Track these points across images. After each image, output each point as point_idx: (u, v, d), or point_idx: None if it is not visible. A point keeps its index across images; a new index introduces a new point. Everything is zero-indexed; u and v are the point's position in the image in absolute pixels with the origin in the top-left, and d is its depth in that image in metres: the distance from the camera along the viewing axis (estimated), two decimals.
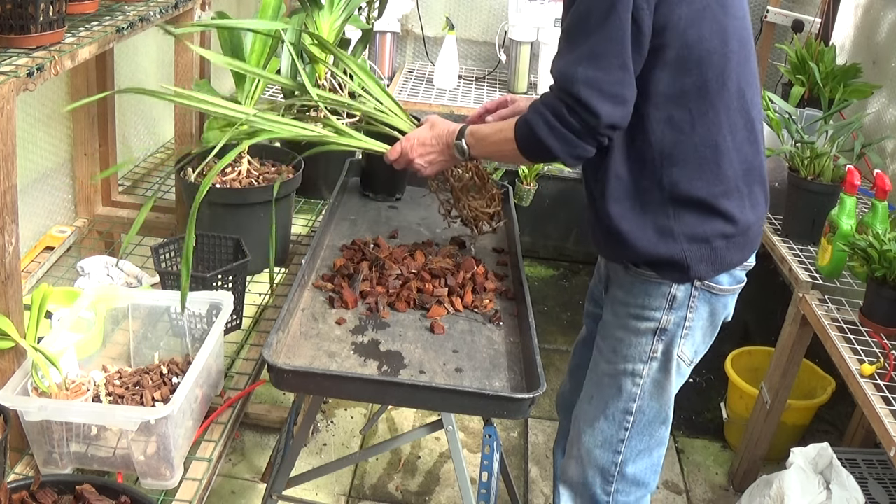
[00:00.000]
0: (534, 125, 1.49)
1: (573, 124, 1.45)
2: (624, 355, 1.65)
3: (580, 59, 1.43)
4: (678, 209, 1.54)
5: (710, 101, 1.50)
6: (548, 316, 3.47)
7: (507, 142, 1.57)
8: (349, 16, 2.38)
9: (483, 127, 1.69)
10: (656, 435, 1.72)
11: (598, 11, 1.41)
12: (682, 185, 1.52)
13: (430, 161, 1.75)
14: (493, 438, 1.69)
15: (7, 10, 1.36)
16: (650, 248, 1.56)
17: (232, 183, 2.07)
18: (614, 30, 1.41)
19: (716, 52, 1.47)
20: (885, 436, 1.65)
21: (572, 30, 1.46)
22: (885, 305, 1.95)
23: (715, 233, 1.56)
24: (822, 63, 2.74)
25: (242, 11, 3.39)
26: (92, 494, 1.32)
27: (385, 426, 2.79)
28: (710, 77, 1.48)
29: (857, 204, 2.15)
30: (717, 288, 1.61)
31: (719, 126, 1.51)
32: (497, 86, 3.75)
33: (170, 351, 1.71)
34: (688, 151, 1.51)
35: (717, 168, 1.53)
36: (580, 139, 1.46)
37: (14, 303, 1.40)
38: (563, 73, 1.45)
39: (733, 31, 1.50)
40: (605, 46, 1.41)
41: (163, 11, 1.85)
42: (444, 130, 1.72)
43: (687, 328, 1.62)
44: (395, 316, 1.69)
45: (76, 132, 2.26)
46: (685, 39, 1.45)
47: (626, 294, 1.64)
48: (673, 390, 1.69)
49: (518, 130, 1.54)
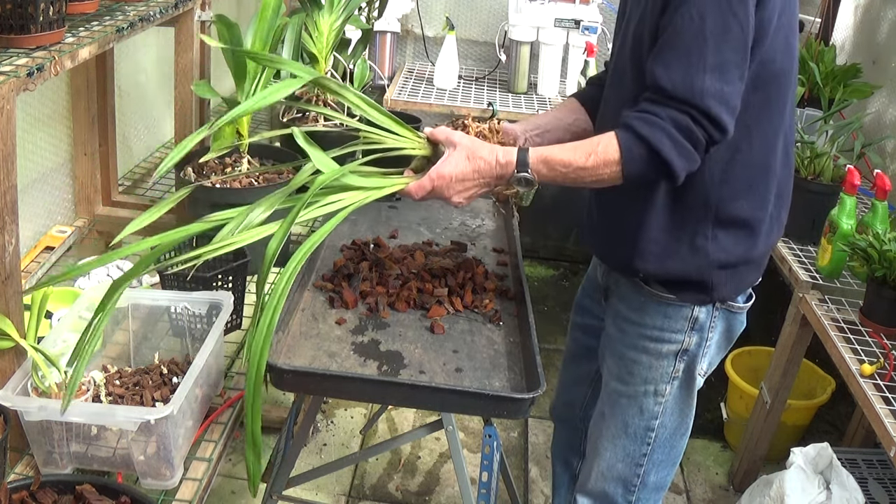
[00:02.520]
0: (654, 140, 1.34)
1: (698, 138, 1.34)
2: (644, 378, 1.60)
3: (703, 68, 1.32)
4: (716, 229, 1.48)
5: (770, 120, 1.44)
6: (548, 316, 3.47)
7: (605, 164, 1.38)
8: (349, 16, 2.38)
9: (556, 151, 1.44)
10: (678, 445, 1.69)
11: (716, 16, 1.31)
12: (728, 205, 1.46)
13: (472, 196, 1.51)
14: (493, 438, 1.69)
15: (7, 10, 1.36)
16: (678, 265, 1.50)
17: (232, 183, 2.07)
18: (736, 36, 1.32)
19: (783, 71, 1.43)
20: (885, 436, 1.65)
21: (684, 35, 1.33)
22: (885, 305, 1.95)
23: (743, 255, 1.51)
24: (822, 63, 2.74)
25: (242, 11, 3.39)
26: (92, 494, 1.32)
27: (385, 426, 2.79)
28: (774, 96, 1.43)
29: (857, 204, 2.15)
30: (736, 307, 1.58)
31: (774, 147, 1.47)
32: (497, 86, 3.75)
33: (170, 351, 1.71)
34: (740, 171, 1.45)
35: (764, 190, 1.48)
36: (700, 153, 1.36)
37: (14, 303, 1.40)
38: (687, 85, 1.32)
39: (795, 52, 1.46)
40: (728, 55, 1.32)
41: (163, 11, 1.85)
42: (492, 162, 1.46)
43: (707, 347, 1.59)
44: (395, 316, 1.69)
45: (76, 132, 2.26)
46: (764, 55, 1.38)
47: (637, 314, 1.58)
48: (694, 402, 1.66)
49: (625, 148, 1.36)
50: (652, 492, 1.72)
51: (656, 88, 1.35)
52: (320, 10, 2.33)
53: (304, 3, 2.32)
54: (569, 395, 1.94)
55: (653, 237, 1.49)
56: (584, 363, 1.87)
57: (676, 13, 1.33)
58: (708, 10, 1.31)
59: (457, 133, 1.51)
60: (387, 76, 3.72)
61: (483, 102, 3.48)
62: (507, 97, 3.61)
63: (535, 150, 1.45)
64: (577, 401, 1.93)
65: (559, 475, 2.05)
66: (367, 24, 2.84)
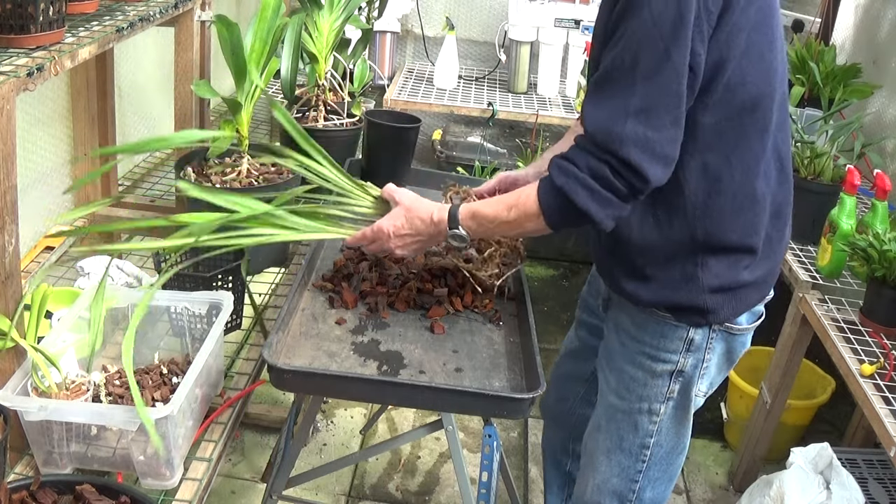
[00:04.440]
0: (569, 191, 1.31)
1: (618, 188, 1.29)
2: (639, 395, 1.57)
3: (627, 112, 1.26)
4: (706, 256, 1.43)
5: (749, 148, 1.37)
6: (548, 316, 3.47)
7: (527, 217, 1.38)
8: (349, 16, 2.38)
9: (482, 206, 1.46)
10: (675, 463, 1.66)
11: (649, 57, 1.24)
12: (715, 234, 1.41)
13: (415, 250, 1.58)
14: (493, 438, 1.69)
15: (7, 10, 1.35)
16: (672, 294, 1.46)
17: (232, 183, 2.07)
18: (668, 81, 1.24)
19: (760, 93, 1.35)
20: (885, 436, 1.65)
21: (614, 75, 1.27)
22: (885, 305, 1.95)
23: (740, 279, 1.46)
24: (822, 63, 2.74)
25: (242, 11, 3.39)
26: (92, 494, 1.32)
27: (385, 426, 2.79)
28: (750, 121, 1.35)
29: (857, 204, 2.15)
30: (736, 328, 1.52)
31: (757, 172, 1.39)
32: (497, 86, 3.75)
33: (170, 351, 1.71)
34: (724, 202, 1.39)
35: (752, 216, 1.42)
36: (624, 201, 1.32)
37: (14, 303, 1.40)
38: (606, 130, 1.27)
39: (776, 68, 1.37)
40: (657, 99, 1.25)
41: (163, 11, 1.85)
42: (427, 219, 1.50)
43: (704, 369, 1.55)
44: (395, 316, 1.69)
45: (76, 132, 2.26)
46: (729, 81, 1.31)
47: (637, 329, 1.55)
48: (690, 423, 1.63)
49: (544, 200, 1.35)
50: None
51: (584, 129, 1.32)
52: (320, 9, 2.33)
53: (304, 3, 2.32)
54: (563, 390, 1.92)
55: (647, 273, 1.47)
56: (583, 361, 1.85)
57: (611, 52, 1.29)
58: (642, 54, 1.25)
59: (402, 191, 1.58)
60: (387, 76, 3.72)
61: (483, 102, 3.48)
62: (507, 97, 3.61)
63: (465, 206, 1.48)
64: (571, 396, 1.91)
65: (551, 474, 2.04)
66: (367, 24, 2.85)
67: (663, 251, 1.45)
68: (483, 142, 3.81)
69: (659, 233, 1.43)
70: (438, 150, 3.85)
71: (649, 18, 1.24)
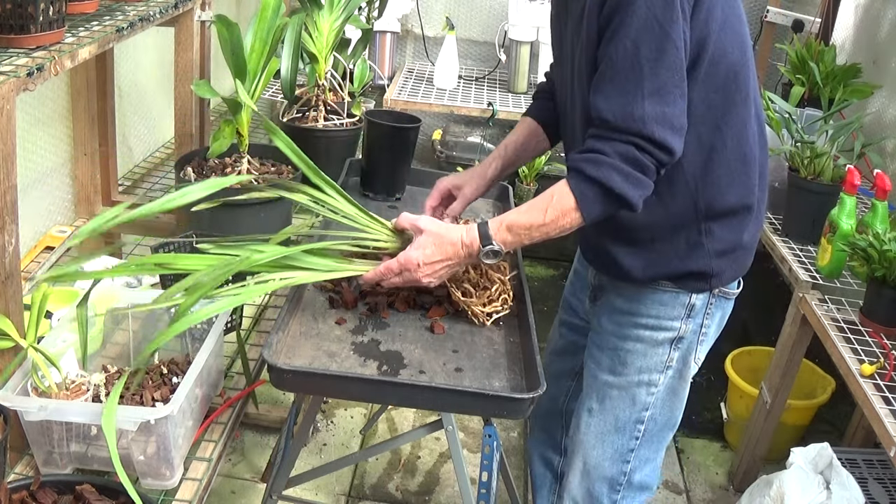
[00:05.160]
0: (605, 179, 1.36)
1: (647, 165, 1.36)
2: (638, 367, 1.63)
3: (642, 95, 1.33)
4: (709, 223, 1.51)
5: (737, 114, 1.46)
6: (548, 316, 3.46)
7: (563, 214, 1.41)
8: (349, 16, 2.38)
9: (515, 217, 1.48)
10: (665, 440, 1.72)
11: (650, 40, 1.32)
12: (716, 201, 1.50)
13: (442, 276, 1.56)
14: (493, 438, 1.69)
15: (7, 10, 1.35)
16: (679, 264, 1.54)
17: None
18: (672, 58, 1.33)
19: (737, 62, 1.44)
20: (885, 436, 1.65)
21: (620, 64, 1.35)
22: (885, 305, 1.96)
23: (739, 241, 1.55)
24: (822, 63, 2.74)
25: (242, 11, 3.39)
26: (92, 494, 1.32)
27: (385, 426, 2.79)
28: (734, 89, 1.44)
29: (857, 204, 2.15)
30: (731, 293, 1.62)
31: (746, 136, 1.48)
32: (497, 86, 3.75)
33: (170, 351, 1.71)
34: (720, 168, 1.48)
35: (746, 178, 1.51)
36: (651, 179, 1.38)
37: (14, 303, 1.40)
38: (626, 114, 1.34)
39: (745, 38, 1.47)
40: (666, 77, 1.33)
41: (163, 11, 1.85)
42: (458, 242, 1.50)
43: (703, 334, 1.62)
44: (395, 316, 1.69)
45: (76, 132, 2.26)
46: (712, 55, 1.40)
47: (631, 304, 1.61)
48: (685, 395, 1.69)
49: (579, 193, 1.39)
50: (637, 491, 1.73)
51: (600, 121, 1.38)
52: (320, 9, 2.33)
53: (304, 3, 2.32)
54: (553, 388, 1.93)
55: (655, 248, 1.53)
56: (569, 358, 1.91)
57: (611, 44, 1.35)
58: (641, 38, 1.33)
59: (423, 218, 1.56)
60: (387, 76, 3.72)
61: (483, 102, 3.48)
62: (507, 97, 3.61)
63: (493, 221, 1.49)
64: (562, 393, 1.96)
65: (540, 475, 2.05)
66: (367, 23, 2.85)
67: (669, 224, 1.51)
68: (483, 142, 3.81)
69: (663, 208, 1.49)
70: (438, 150, 3.85)
71: (643, 4, 1.32)
